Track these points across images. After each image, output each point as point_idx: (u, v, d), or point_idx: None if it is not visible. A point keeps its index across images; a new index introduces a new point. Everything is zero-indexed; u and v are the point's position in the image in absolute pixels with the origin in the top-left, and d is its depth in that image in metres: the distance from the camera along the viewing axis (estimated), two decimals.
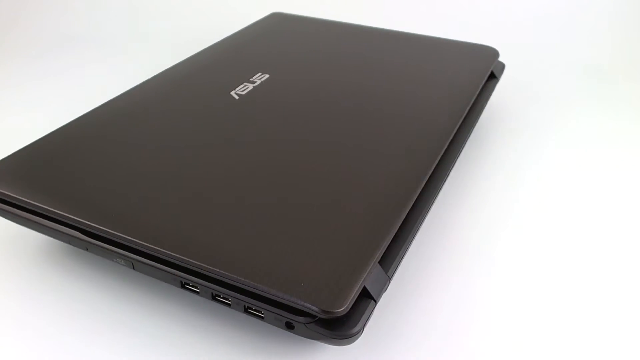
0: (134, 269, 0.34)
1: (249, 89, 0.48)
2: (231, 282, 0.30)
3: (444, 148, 0.41)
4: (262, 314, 0.30)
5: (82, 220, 0.33)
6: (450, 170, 0.43)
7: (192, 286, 0.32)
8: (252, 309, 0.31)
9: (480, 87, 0.51)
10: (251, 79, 0.50)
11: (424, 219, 0.38)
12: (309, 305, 0.28)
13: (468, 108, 0.47)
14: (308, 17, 0.66)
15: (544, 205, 0.46)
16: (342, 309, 0.28)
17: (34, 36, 0.78)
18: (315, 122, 0.43)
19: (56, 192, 0.35)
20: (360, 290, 0.29)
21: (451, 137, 0.43)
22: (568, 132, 0.57)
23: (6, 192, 0.36)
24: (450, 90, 0.49)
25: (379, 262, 0.32)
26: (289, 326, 0.30)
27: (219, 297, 0.31)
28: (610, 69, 0.71)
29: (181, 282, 0.32)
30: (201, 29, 0.80)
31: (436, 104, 0.46)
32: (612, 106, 0.63)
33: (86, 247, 0.35)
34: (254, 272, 0.29)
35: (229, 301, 0.31)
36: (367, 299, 0.30)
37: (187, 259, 0.30)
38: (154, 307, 0.36)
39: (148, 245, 0.31)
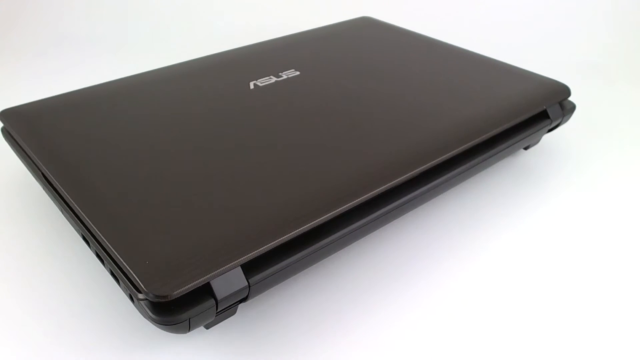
0: (62, 213, 0.38)
1: (270, 82, 0.49)
2: (98, 240, 0.32)
3: (401, 177, 0.38)
4: (118, 280, 0.32)
5: (40, 162, 0.38)
6: (412, 202, 0.39)
7: (86, 240, 0.35)
8: (113, 273, 0.32)
9: (512, 122, 0.45)
10: (280, 73, 0.50)
11: (340, 243, 0.36)
12: (138, 282, 0.29)
13: (478, 140, 0.42)
14: (395, 26, 0.64)
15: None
16: (168, 295, 0.28)
17: (33, 36, 0.79)
18: (303, 126, 0.42)
19: (40, 138, 0.40)
20: (201, 284, 0.29)
21: (425, 167, 0.39)
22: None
23: (12, 131, 0.42)
24: (472, 118, 0.44)
25: (244, 267, 0.31)
26: (131, 299, 0.31)
27: (99, 255, 0.34)
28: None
29: (82, 235, 0.35)
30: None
31: (442, 127, 0.42)
32: None
33: (44, 188, 0.40)
34: (117, 237, 0.31)
35: (103, 260, 0.33)
36: (207, 295, 0.30)
37: (75, 205, 0.33)
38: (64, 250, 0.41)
39: (63, 190, 0.35)
